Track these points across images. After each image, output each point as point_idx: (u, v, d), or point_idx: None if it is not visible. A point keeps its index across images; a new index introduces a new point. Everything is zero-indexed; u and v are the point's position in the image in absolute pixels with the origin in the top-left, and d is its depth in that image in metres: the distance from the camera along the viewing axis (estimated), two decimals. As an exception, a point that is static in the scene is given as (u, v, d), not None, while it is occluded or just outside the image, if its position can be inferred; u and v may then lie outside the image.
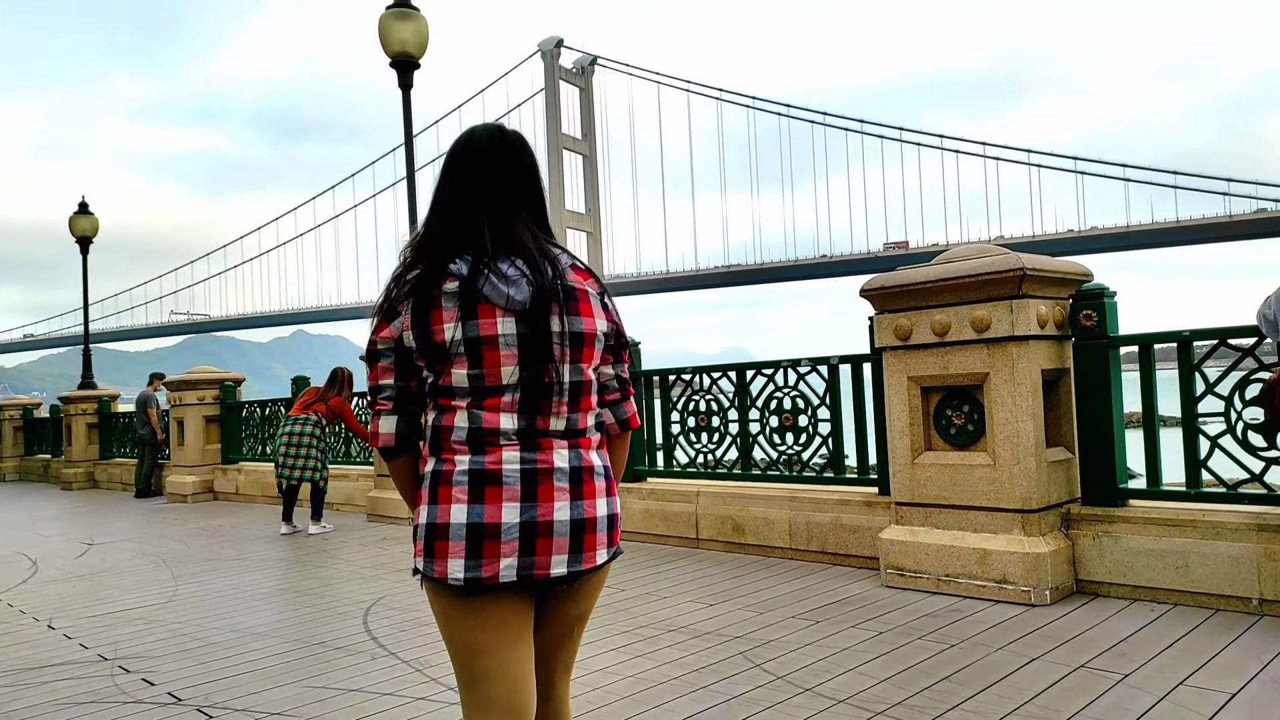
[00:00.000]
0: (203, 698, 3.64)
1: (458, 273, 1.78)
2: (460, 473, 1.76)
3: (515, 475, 1.75)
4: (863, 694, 3.26)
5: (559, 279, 1.82)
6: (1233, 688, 3.13)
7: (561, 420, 1.81)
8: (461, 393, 1.78)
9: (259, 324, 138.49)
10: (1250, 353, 4.21)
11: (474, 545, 1.73)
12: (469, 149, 1.91)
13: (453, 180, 1.89)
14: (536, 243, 1.84)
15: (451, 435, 1.79)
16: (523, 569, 1.74)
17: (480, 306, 1.76)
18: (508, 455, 1.76)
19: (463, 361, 1.77)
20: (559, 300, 1.80)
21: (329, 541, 7.73)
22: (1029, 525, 4.44)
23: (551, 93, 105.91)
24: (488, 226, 1.83)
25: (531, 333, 1.77)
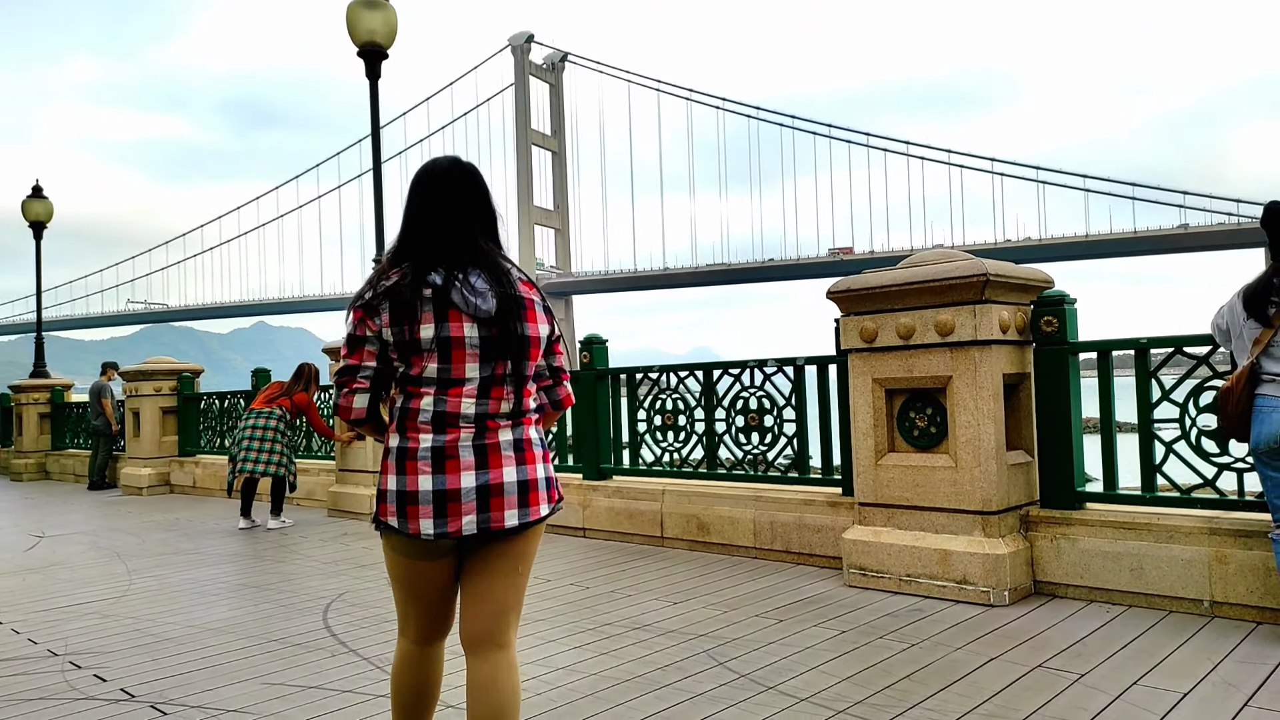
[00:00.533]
0: (157, 694, 3.57)
1: (433, 283, 2.15)
2: (424, 450, 2.16)
3: (470, 450, 2.17)
4: (825, 692, 3.29)
5: (515, 294, 2.22)
6: (1185, 687, 3.20)
7: (508, 404, 2.23)
8: (429, 382, 2.18)
9: (219, 315, 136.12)
10: (1205, 361, 4.31)
11: (440, 507, 2.14)
12: (433, 175, 2.28)
13: (421, 201, 2.26)
14: (495, 259, 2.23)
15: (418, 417, 2.18)
16: (481, 523, 2.16)
17: (451, 312, 2.15)
18: (464, 436, 2.17)
19: (434, 357, 2.16)
20: (519, 309, 2.21)
21: (289, 536, 7.62)
22: (989, 527, 4.51)
23: (521, 88, 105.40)
24: (454, 243, 2.20)
25: (491, 336, 2.18)
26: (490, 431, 2.20)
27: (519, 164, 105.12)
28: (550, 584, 5.30)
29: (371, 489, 8.45)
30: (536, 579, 5.45)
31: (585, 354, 7.05)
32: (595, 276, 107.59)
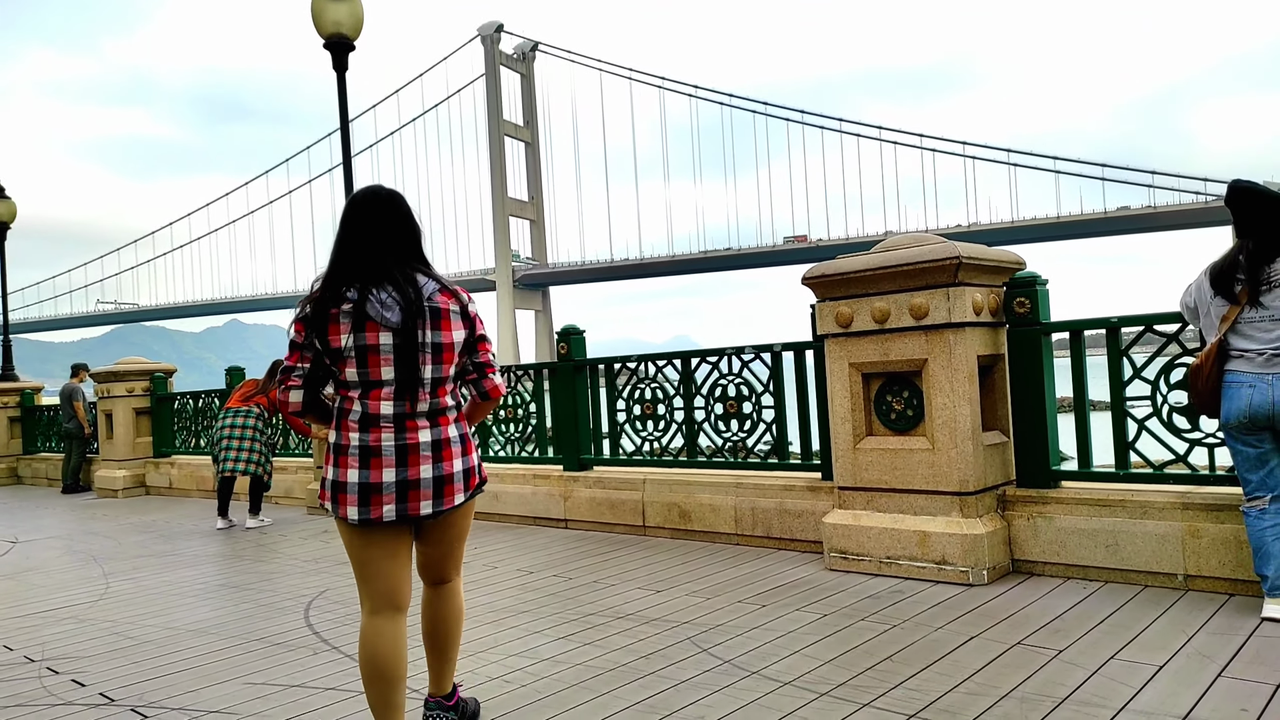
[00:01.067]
0: (136, 698, 3.53)
1: (350, 298, 2.52)
2: (353, 448, 2.56)
3: (391, 449, 2.55)
4: (808, 675, 3.31)
5: (425, 302, 2.55)
6: (1160, 660, 3.26)
7: (425, 404, 2.58)
8: (353, 385, 2.57)
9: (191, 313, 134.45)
10: (1175, 338, 4.37)
11: (364, 497, 2.54)
12: (354, 207, 2.65)
13: (344, 229, 2.63)
14: (404, 275, 2.56)
15: (348, 417, 2.58)
16: (399, 511, 2.55)
17: (368, 323, 2.51)
18: (385, 435, 2.54)
19: (353, 362, 2.54)
20: (424, 319, 2.55)
21: (268, 535, 7.56)
22: (966, 507, 4.55)
23: (492, 78, 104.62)
24: (368, 263, 2.56)
25: (402, 344, 2.52)
26: (410, 432, 2.57)
27: (492, 155, 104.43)
28: (533, 575, 5.30)
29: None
30: (519, 571, 5.44)
31: (563, 345, 7.03)
32: (572, 267, 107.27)
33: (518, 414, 7.54)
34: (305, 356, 2.61)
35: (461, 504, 2.65)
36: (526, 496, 7.17)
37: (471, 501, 2.73)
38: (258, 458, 8.15)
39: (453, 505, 2.61)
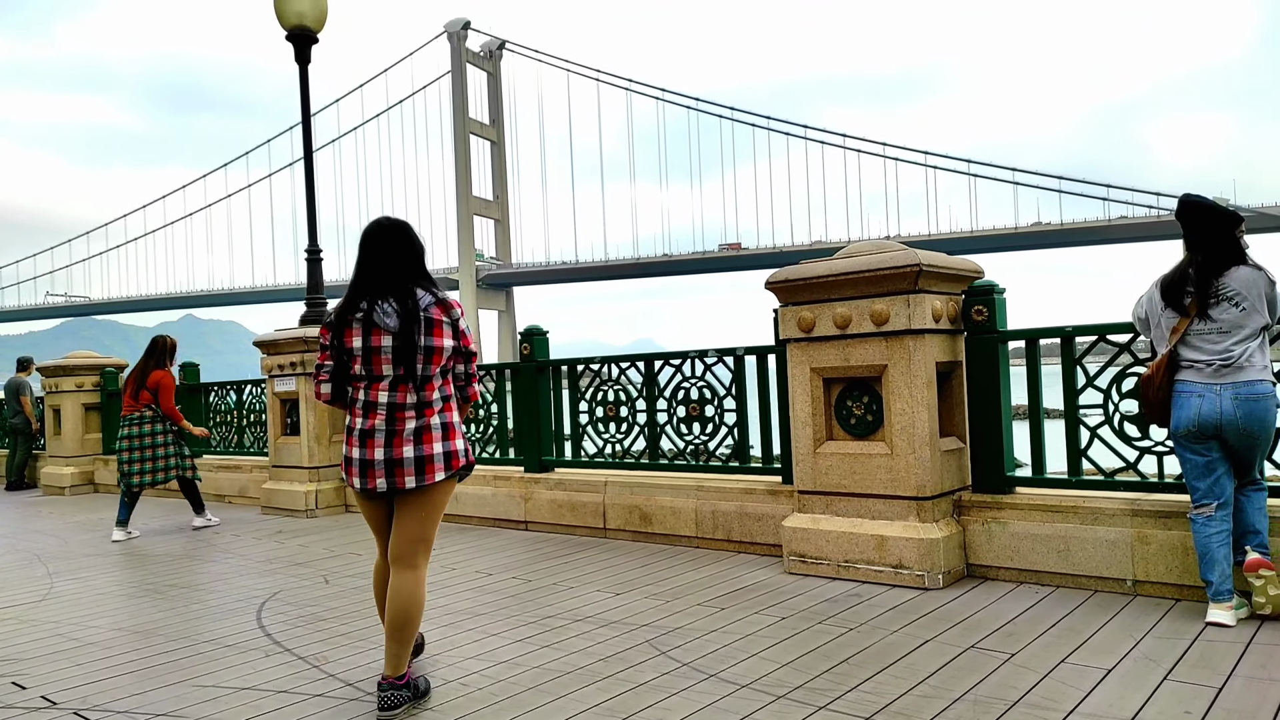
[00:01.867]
0: (80, 700, 3.44)
1: (362, 308, 3.15)
2: (357, 430, 3.17)
3: (382, 434, 3.13)
4: (765, 678, 3.33)
5: (421, 313, 3.13)
6: (1109, 664, 3.32)
7: (412, 397, 3.15)
8: (361, 379, 3.18)
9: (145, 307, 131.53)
10: (1127, 348, 4.46)
11: (363, 471, 3.15)
12: (367, 235, 3.25)
13: (360, 253, 3.24)
14: (404, 290, 3.15)
15: (356, 405, 3.20)
16: (389, 484, 3.13)
17: (374, 329, 3.12)
18: (378, 421, 3.14)
19: (360, 360, 3.16)
20: (419, 326, 3.12)
21: (220, 535, 7.42)
22: (923, 512, 4.61)
23: (458, 76, 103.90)
24: (377, 280, 3.17)
25: (400, 345, 3.11)
26: (399, 420, 3.13)
27: (457, 153, 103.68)
28: (492, 578, 5.26)
29: (306, 485, 8.27)
30: (478, 573, 5.40)
31: (525, 346, 6.99)
32: (536, 268, 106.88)
33: (479, 414, 7.49)
34: (328, 355, 3.25)
35: (442, 480, 3.17)
36: (486, 498, 7.11)
37: (451, 481, 3.22)
38: (174, 460, 7.55)
39: (433, 481, 3.15)
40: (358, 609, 4.66)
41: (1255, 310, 3.68)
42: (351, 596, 4.96)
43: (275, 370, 8.57)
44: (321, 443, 8.35)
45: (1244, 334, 3.68)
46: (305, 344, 8.32)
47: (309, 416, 8.33)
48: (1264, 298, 3.69)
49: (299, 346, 8.36)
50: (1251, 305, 3.68)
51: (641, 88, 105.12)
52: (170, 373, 7.72)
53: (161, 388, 7.55)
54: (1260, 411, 3.67)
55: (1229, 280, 3.71)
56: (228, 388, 10.19)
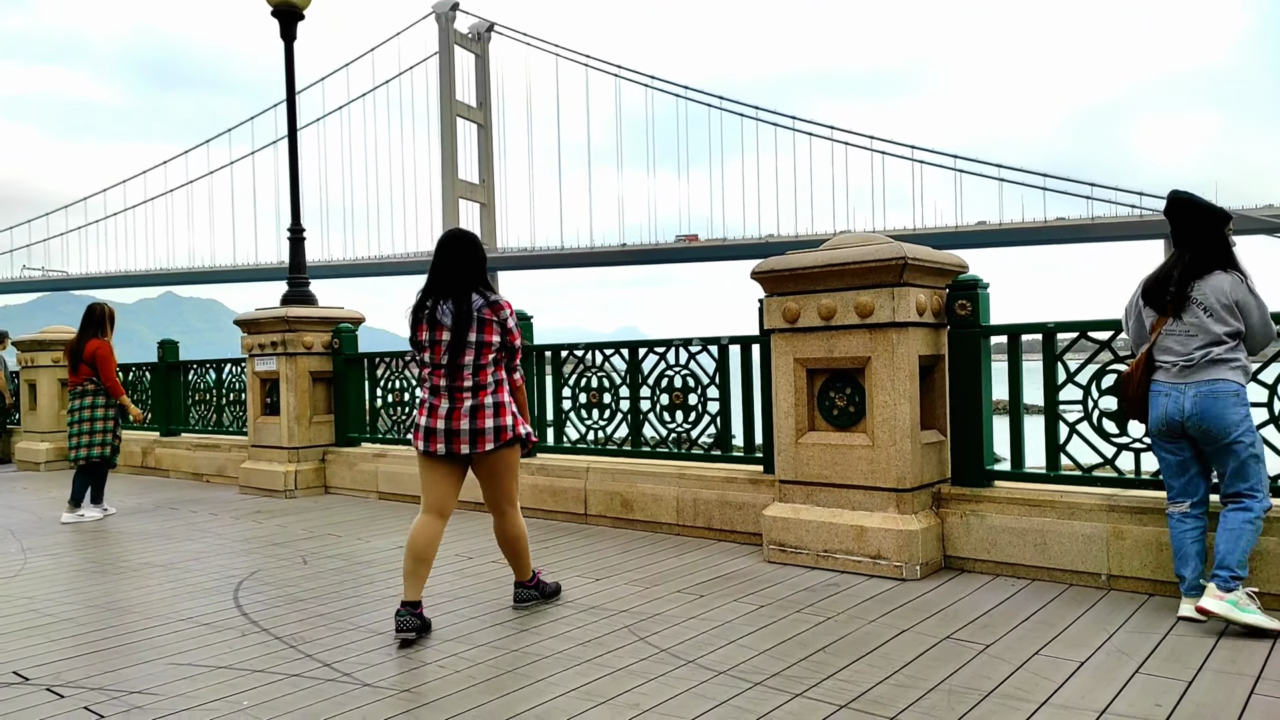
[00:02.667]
0: (53, 676, 3.41)
1: (429, 306, 3.85)
2: (424, 403, 3.92)
3: (443, 410, 3.86)
4: (743, 665, 3.35)
5: (474, 313, 3.80)
6: (1082, 656, 3.36)
7: (468, 382, 3.85)
8: (429, 365, 3.88)
9: (124, 284, 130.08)
10: (1107, 345, 4.50)
11: (426, 437, 3.89)
12: (440, 244, 3.94)
13: (434, 258, 3.93)
14: (462, 293, 3.83)
15: (426, 385, 3.93)
16: (448, 449, 3.86)
17: (436, 325, 3.83)
18: (443, 400, 3.86)
19: (427, 351, 3.87)
20: (472, 323, 3.80)
21: (198, 515, 7.37)
22: (903, 504, 4.64)
23: (445, 57, 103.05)
24: (441, 283, 3.86)
25: (453, 340, 3.81)
26: (458, 400, 3.85)
27: (443, 135, 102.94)
28: (472, 561, 5.25)
29: (285, 466, 8.22)
30: (458, 556, 5.39)
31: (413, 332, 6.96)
32: (522, 253, 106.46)
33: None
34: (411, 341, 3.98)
35: (492, 450, 3.88)
36: (467, 482, 7.09)
37: (507, 449, 3.93)
38: (100, 438, 7.24)
39: (483, 450, 3.86)
40: (335, 590, 4.64)
41: (1219, 319, 3.65)
42: (329, 577, 4.94)
43: (256, 349, 8.50)
44: (301, 423, 8.29)
45: (1209, 339, 3.66)
46: (286, 324, 8.26)
47: (289, 397, 8.27)
48: (1230, 307, 3.65)
49: (280, 326, 8.29)
50: (1216, 313, 3.65)
51: (630, 75, 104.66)
52: (108, 343, 7.36)
53: (99, 359, 7.22)
54: (1218, 409, 3.62)
55: (1204, 285, 3.70)
56: (207, 366, 10.10)
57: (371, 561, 5.33)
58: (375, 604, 4.35)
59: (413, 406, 7.92)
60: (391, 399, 8.13)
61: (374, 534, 6.22)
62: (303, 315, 8.35)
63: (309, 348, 8.33)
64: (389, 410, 8.16)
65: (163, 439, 10.33)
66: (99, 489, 7.43)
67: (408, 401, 7.99)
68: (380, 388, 8.23)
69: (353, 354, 8.43)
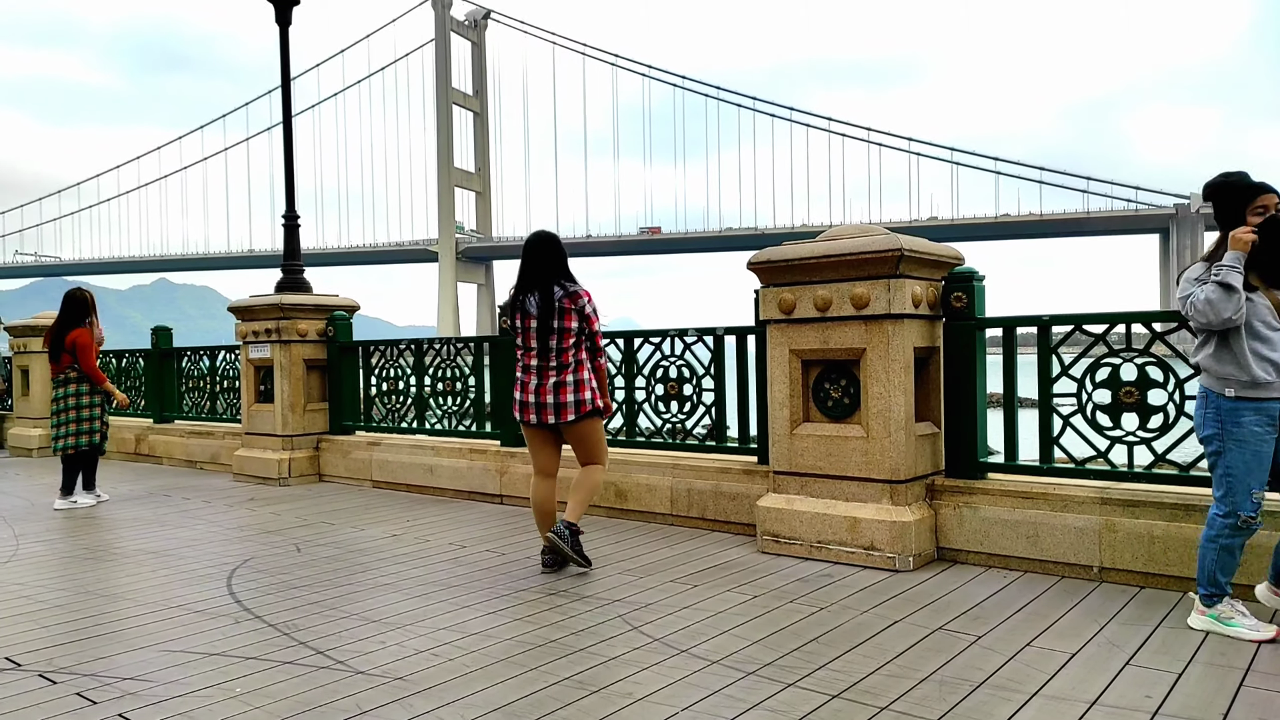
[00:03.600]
0: (45, 662, 3.41)
1: (520, 298, 4.60)
2: (520, 381, 4.66)
3: (534, 386, 4.59)
4: (736, 655, 3.36)
5: (555, 303, 4.52)
6: (1073, 648, 3.38)
7: (554, 362, 4.57)
8: (522, 348, 4.65)
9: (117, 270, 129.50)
10: (1102, 339, 4.51)
11: (523, 410, 4.65)
12: (528, 244, 4.70)
13: (523, 256, 4.68)
14: (546, 286, 4.56)
15: (519, 366, 4.67)
16: (540, 420, 4.60)
17: (525, 315, 4.58)
18: (534, 378, 4.60)
19: (520, 335, 4.61)
20: (554, 312, 4.52)
21: (191, 502, 7.36)
22: (896, 495, 4.65)
23: (442, 44, 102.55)
24: (530, 278, 4.62)
25: (539, 326, 4.54)
26: (546, 376, 4.59)
27: (439, 123, 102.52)
28: (466, 550, 5.26)
29: (279, 453, 8.21)
30: (452, 545, 5.39)
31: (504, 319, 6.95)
32: (517, 242, 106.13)
33: (455, 387, 7.45)
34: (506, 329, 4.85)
35: (574, 421, 4.60)
36: (462, 470, 7.10)
37: (587, 420, 4.65)
38: (87, 426, 7.17)
39: (566, 420, 4.59)
40: (329, 577, 4.64)
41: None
42: (323, 565, 4.94)
43: (250, 336, 8.47)
44: (296, 411, 8.28)
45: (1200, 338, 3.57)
46: (281, 311, 8.23)
47: (283, 384, 8.25)
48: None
49: (274, 313, 8.26)
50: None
51: (628, 64, 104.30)
52: (89, 329, 7.24)
53: (79, 347, 7.10)
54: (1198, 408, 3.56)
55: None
56: (201, 353, 10.07)
57: (365, 549, 5.33)
58: (368, 591, 4.36)
59: (406, 395, 7.91)
60: (386, 387, 8.11)
61: (368, 522, 6.22)
62: (297, 302, 8.32)
63: (303, 335, 8.30)
64: (383, 398, 8.15)
65: (156, 426, 10.31)
66: (90, 476, 7.39)
67: (402, 390, 7.98)
68: (375, 376, 8.22)
69: (347, 341, 8.40)
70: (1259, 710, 2.81)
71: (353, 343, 8.40)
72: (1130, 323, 4.47)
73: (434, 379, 7.63)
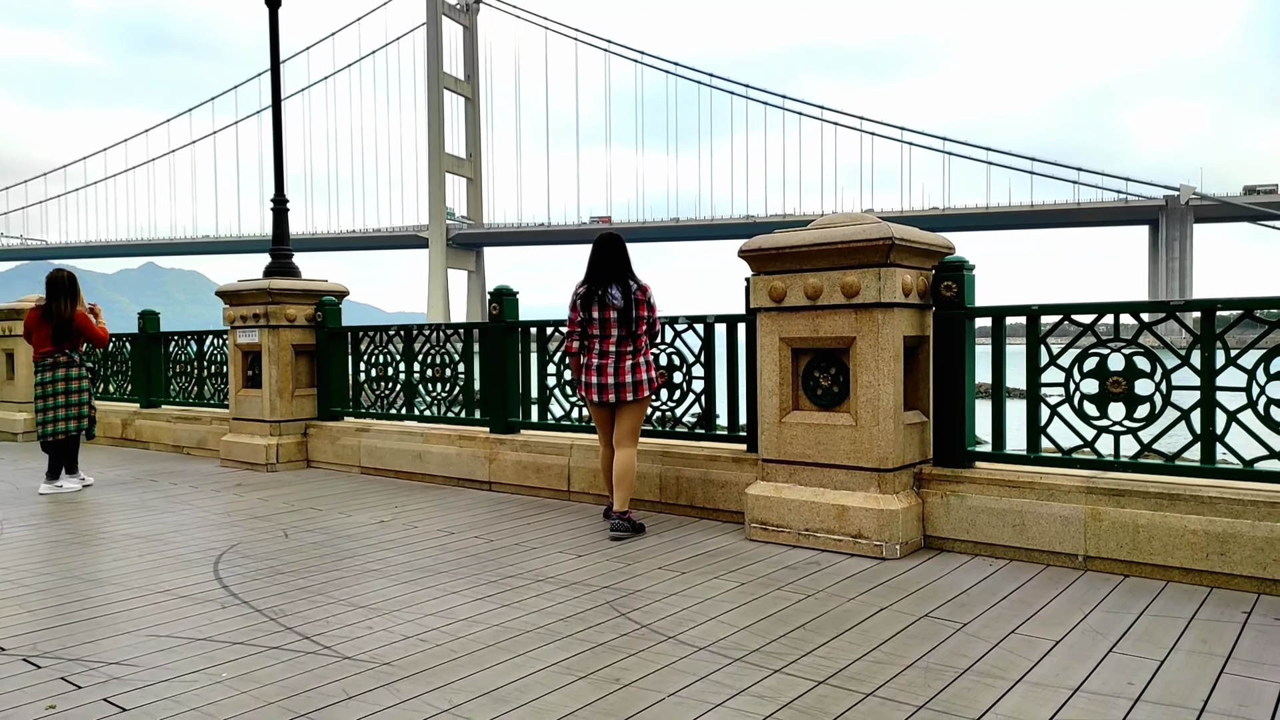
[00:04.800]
0: (30, 647, 3.39)
1: (594, 291, 5.23)
2: (594, 366, 5.26)
3: (607, 368, 5.21)
4: (723, 641, 3.37)
5: (632, 294, 5.18)
6: (1057, 635, 3.40)
7: (629, 347, 5.22)
8: (595, 336, 5.25)
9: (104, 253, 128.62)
10: (1090, 329, 4.52)
11: (599, 390, 5.23)
12: (598, 244, 5.31)
13: (593, 252, 5.30)
14: (621, 280, 5.21)
15: (593, 352, 5.27)
16: (605, 399, 5.23)
17: (606, 305, 5.18)
18: (609, 361, 5.21)
19: (595, 325, 5.23)
20: (632, 303, 5.18)
21: (178, 487, 7.33)
22: (884, 484, 4.66)
23: (433, 28, 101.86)
24: (603, 272, 5.24)
25: (620, 315, 5.17)
26: (622, 359, 5.20)
27: (430, 108, 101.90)
28: (454, 536, 5.26)
29: (266, 439, 8.17)
30: (440, 531, 5.39)
31: (495, 306, 6.93)
32: (508, 229, 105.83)
33: (445, 374, 7.43)
34: (574, 321, 5.29)
35: (631, 401, 5.19)
36: (451, 457, 7.09)
37: (645, 400, 5.26)
38: (87, 409, 7.22)
39: (626, 399, 5.19)
40: (316, 563, 4.64)
41: None
42: (310, 551, 4.93)
43: (238, 321, 8.43)
44: (284, 396, 8.24)
45: None
46: (269, 296, 8.18)
47: (271, 370, 8.22)
48: None
49: (263, 298, 8.22)
50: None
51: (620, 49, 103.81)
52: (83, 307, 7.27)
53: (87, 324, 7.16)
54: None
55: None
56: (188, 338, 10.01)
57: (353, 535, 5.33)
58: (356, 577, 4.35)
59: (395, 381, 7.89)
60: (375, 373, 8.08)
61: (355, 508, 6.21)
62: (286, 288, 8.27)
63: (292, 320, 8.26)
64: (372, 384, 8.12)
65: (143, 410, 10.25)
66: (73, 460, 7.34)
67: (391, 376, 7.95)
68: (364, 361, 8.19)
69: (336, 327, 8.37)
70: (1239, 697, 2.83)
71: (341, 328, 8.37)
72: (1118, 313, 4.49)
73: (423, 365, 7.61)
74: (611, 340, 5.15)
